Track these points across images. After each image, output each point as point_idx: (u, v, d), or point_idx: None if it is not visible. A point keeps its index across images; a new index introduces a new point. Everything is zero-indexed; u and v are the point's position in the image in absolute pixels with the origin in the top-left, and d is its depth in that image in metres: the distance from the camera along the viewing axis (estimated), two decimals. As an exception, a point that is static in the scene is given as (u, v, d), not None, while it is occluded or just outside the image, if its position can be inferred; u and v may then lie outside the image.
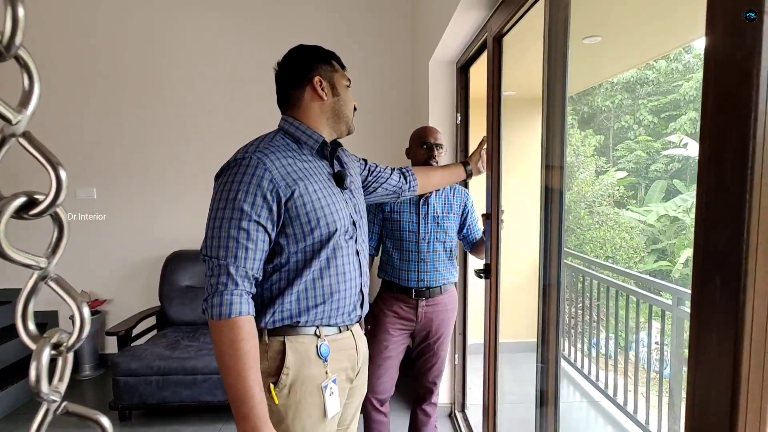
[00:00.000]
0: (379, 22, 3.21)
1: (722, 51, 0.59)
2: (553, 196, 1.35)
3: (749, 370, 0.57)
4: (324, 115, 1.13)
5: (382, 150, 3.22)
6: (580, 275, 3.30)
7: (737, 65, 0.56)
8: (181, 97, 3.18)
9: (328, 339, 1.09)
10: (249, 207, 0.97)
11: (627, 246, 9.14)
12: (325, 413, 1.06)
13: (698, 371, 0.63)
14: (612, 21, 2.03)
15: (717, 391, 0.60)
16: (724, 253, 0.59)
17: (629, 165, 12.00)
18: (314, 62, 1.11)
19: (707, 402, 0.62)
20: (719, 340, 0.60)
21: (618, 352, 2.72)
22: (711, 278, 0.61)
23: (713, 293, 0.61)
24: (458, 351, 2.47)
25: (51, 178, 0.23)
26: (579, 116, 12.67)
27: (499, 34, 1.66)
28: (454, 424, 2.47)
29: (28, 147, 0.22)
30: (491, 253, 1.74)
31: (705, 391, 0.62)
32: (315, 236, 1.05)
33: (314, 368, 1.06)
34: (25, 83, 0.20)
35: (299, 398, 1.04)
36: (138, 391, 2.41)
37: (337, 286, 1.09)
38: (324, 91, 1.11)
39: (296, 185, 1.02)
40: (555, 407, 1.55)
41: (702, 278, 0.62)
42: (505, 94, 1.76)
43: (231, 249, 0.96)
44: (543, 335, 1.55)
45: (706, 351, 0.62)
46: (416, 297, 1.81)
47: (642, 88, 12.10)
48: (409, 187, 1.51)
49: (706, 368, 0.62)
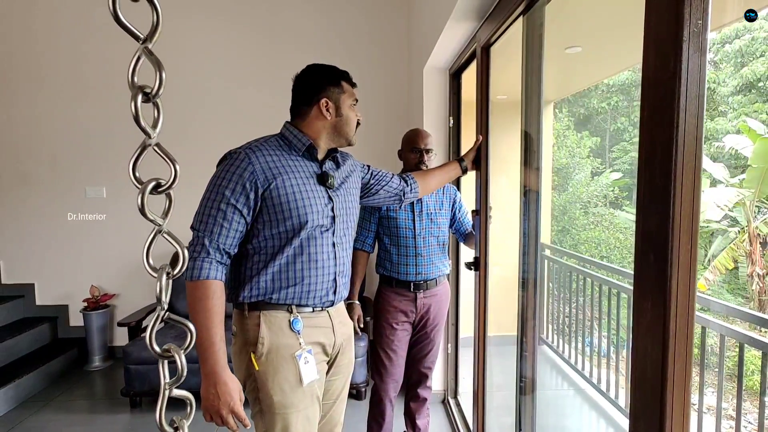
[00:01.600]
0: (377, 30, 3.36)
1: (653, 72, 0.71)
2: (530, 194, 1.49)
3: (676, 329, 0.70)
4: (325, 131, 1.29)
5: (380, 152, 3.37)
6: (569, 272, 3.45)
7: (663, 85, 0.69)
8: (188, 98, 3.32)
9: (301, 315, 1.24)
10: (230, 193, 1.15)
11: (621, 246, 9.30)
12: (300, 379, 1.21)
13: (638, 332, 0.76)
14: (590, 34, 2.20)
15: (652, 347, 0.72)
16: (655, 234, 0.71)
17: (624, 166, 12.15)
18: (325, 84, 1.27)
19: (645, 356, 0.74)
20: (653, 305, 0.72)
21: (602, 342, 2.87)
22: (647, 255, 0.74)
23: (648, 268, 0.73)
24: (451, 341, 2.62)
25: (171, 171, 0.36)
26: (575, 118, 12.81)
27: (487, 44, 1.78)
28: (446, 410, 2.61)
29: (159, 151, 0.36)
30: (480, 247, 1.87)
31: (643, 347, 0.75)
32: (288, 225, 1.20)
33: (287, 339, 1.21)
34: (155, 115, 0.33)
35: (276, 365, 1.20)
36: (148, 379, 2.55)
37: (308, 272, 1.24)
38: (329, 112, 1.27)
39: (275, 179, 1.18)
40: (533, 393, 1.68)
41: (641, 256, 0.75)
42: (498, 98, 1.90)
43: (209, 225, 1.15)
44: (522, 325, 1.68)
45: (643, 315, 0.75)
46: (414, 290, 1.94)
47: (638, 90, 12.24)
48: (410, 189, 1.63)
49: (643, 329, 0.75)
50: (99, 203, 3.35)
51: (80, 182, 3.35)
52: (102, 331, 3.27)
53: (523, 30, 1.39)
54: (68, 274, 3.41)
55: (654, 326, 0.72)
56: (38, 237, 3.38)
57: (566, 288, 3.45)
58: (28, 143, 3.32)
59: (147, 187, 0.33)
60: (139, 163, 0.33)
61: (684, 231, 0.69)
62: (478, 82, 1.88)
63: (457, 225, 2.06)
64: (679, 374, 0.71)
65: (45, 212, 3.36)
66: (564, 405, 3.12)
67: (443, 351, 2.62)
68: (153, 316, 0.39)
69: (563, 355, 3.41)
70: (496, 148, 1.85)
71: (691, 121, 0.67)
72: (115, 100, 3.29)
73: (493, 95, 1.86)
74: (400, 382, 2.03)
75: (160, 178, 0.36)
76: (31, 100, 3.30)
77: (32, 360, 3.03)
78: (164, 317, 0.39)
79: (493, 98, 1.81)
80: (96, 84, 3.29)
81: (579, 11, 2.06)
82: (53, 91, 3.29)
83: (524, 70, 1.42)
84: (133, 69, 0.32)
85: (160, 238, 0.38)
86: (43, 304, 3.43)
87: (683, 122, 0.68)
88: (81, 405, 2.73)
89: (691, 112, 0.67)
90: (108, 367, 3.28)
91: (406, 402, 2.15)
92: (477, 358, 1.99)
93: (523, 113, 1.45)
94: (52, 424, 2.51)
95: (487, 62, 1.84)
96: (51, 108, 3.30)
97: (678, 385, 0.71)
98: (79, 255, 3.40)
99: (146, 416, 2.58)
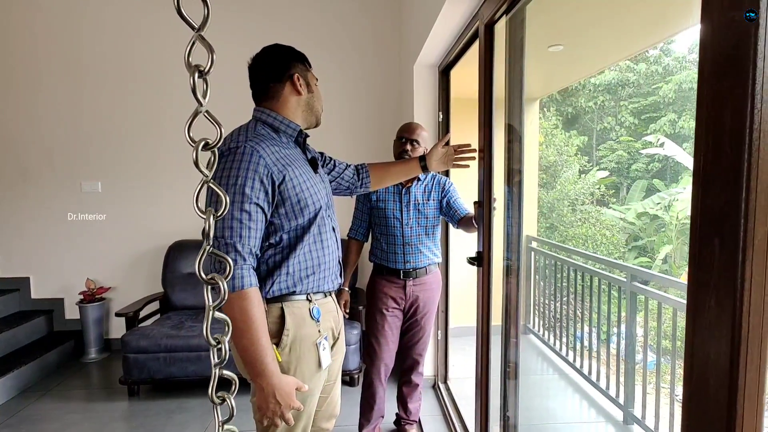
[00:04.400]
0: (368, 28, 3.43)
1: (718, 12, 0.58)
2: (514, 186, 1.59)
3: (749, 330, 0.56)
4: (300, 108, 1.26)
5: (372, 146, 3.46)
6: (554, 262, 3.58)
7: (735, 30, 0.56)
8: (184, 92, 3.37)
9: (317, 303, 1.26)
10: (250, 191, 1.09)
11: (608, 242, 9.50)
12: (320, 364, 1.24)
13: (695, 335, 0.63)
14: (571, 33, 2.32)
15: (716, 353, 0.59)
16: (723, 214, 0.58)
17: (611, 165, 12.38)
18: (292, 60, 1.26)
19: (706, 364, 0.61)
20: (718, 301, 0.59)
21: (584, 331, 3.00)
22: (709, 240, 0.61)
23: (711, 255, 0.60)
24: (441, 329, 2.72)
25: (217, 133, 0.45)
26: (564, 117, 13.02)
27: (491, 20, 1.60)
28: (437, 395, 2.71)
29: (208, 117, 0.44)
30: (483, 241, 1.76)
31: (703, 353, 0.62)
32: (305, 215, 1.20)
33: (309, 328, 1.23)
34: (204, 88, 0.42)
35: (299, 354, 1.21)
36: (147, 367, 2.61)
37: (324, 258, 1.26)
38: (301, 87, 1.25)
39: (286, 171, 1.16)
40: (515, 377, 1.78)
41: (700, 241, 0.62)
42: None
43: (236, 229, 1.08)
44: (506, 313, 1.75)
45: (704, 313, 0.62)
46: (404, 277, 2.03)
47: (623, 89, 12.49)
48: (361, 184, 1.58)
49: (704, 330, 0.62)
50: (96, 200, 3.39)
51: (76, 177, 3.39)
52: (98, 324, 3.32)
53: (506, 33, 1.48)
54: (64, 268, 3.45)
55: (720, 328, 0.59)
56: (34, 231, 3.41)
57: (552, 279, 3.58)
58: (24, 138, 3.35)
59: (199, 145, 0.42)
60: (193, 125, 0.42)
61: (761, 208, 0.55)
62: (481, 65, 1.72)
63: (450, 212, 2.04)
64: (752, 385, 0.57)
65: (40, 207, 3.39)
66: (548, 388, 3.25)
67: (433, 339, 2.72)
68: (200, 251, 0.45)
69: (548, 342, 3.54)
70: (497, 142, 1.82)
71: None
72: (111, 96, 3.34)
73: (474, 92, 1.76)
74: (391, 365, 2.11)
75: (208, 138, 0.45)
76: (27, 96, 3.33)
77: (30, 351, 3.07)
78: (209, 251, 0.46)
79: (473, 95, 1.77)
80: (93, 79, 3.33)
81: (560, 10, 2.17)
82: (50, 86, 3.33)
83: (507, 67, 1.52)
84: (188, 52, 0.40)
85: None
86: (39, 297, 3.47)
87: (761, 72, 0.54)
88: (79, 394, 2.78)
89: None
90: (104, 358, 3.33)
91: (399, 387, 2.24)
92: (480, 351, 1.91)
93: (505, 111, 1.53)
94: (53, 411, 2.56)
95: (491, 43, 1.65)
96: (47, 103, 3.34)
97: (750, 399, 0.57)
98: (75, 249, 3.44)
99: (144, 404, 2.64)
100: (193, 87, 0.39)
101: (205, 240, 0.44)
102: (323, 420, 1.42)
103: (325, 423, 1.43)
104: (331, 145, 2.36)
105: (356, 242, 2.13)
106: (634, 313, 2.49)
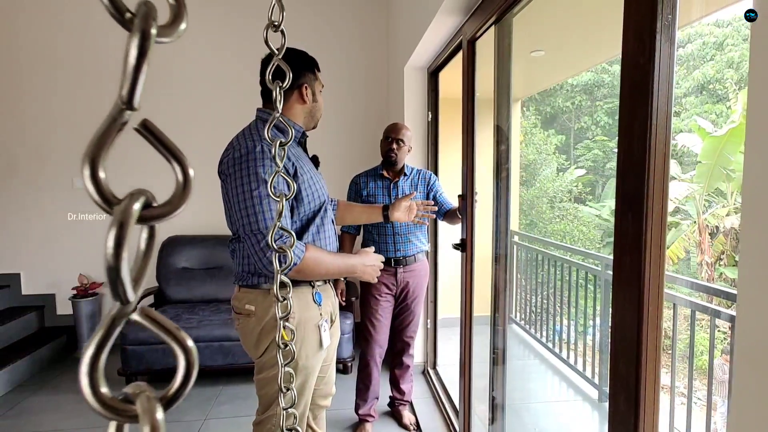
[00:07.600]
0: (357, 30, 3.56)
1: (633, 56, 0.80)
2: (501, 181, 1.74)
3: (649, 278, 0.79)
4: (302, 115, 1.37)
5: (360, 146, 3.59)
6: (535, 254, 3.77)
7: (642, 67, 0.78)
8: (180, 90, 3.43)
9: (319, 288, 1.37)
10: (277, 183, 1.17)
11: (584, 238, 9.85)
12: (321, 344, 1.36)
13: (620, 285, 0.85)
14: (551, 39, 2.50)
15: (629, 320, 0.82)
16: (633, 196, 0.81)
17: (588, 163, 12.78)
18: (304, 70, 1.34)
19: (623, 327, 0.83)
20: (631, 259, 0.81)
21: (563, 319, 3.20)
22: (626, 215, 0.83)
23: (627, 225, 0.82)
24: (430, 317, 2.86)
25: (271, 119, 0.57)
26: (542, 116, 13.36)
27: (473, 37, 1.83)
28: (427, 379, 2.86)
29: (282, 120, 0.56)
30: (467, 229, 1.98)
31: (621, 318, 0.84)
32: (311, 206, 1.31)
33: (312, 311, 1.34)
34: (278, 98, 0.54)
35: (303, 335, 1.32)
36: (145, 358, 2.68)
37: (325, 247, 1.37)
38: (308, 97, 1.35)
39: (297, 165, 1.28)
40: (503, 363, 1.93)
41: (620, 216, 0.84)
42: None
43: (269, 220, 1.19)
44: (495, 301, 1.90)
45: (623, 268, 0.83)
46: (395, 265, 2.18)
47: (599, 90, 12.91)
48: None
49: (623, 284, 0.84)
50: (89, 197, 3.41)
51: (67, 173, 3.41)
52: (91, 318, 3.35)
53: (495, 38, 1.63)
54: (55, 264, 3.46)
55: (632, 278, 0.82)
56: (24, 228, 3.42)
57: (532, 270, 3.77)
58: (14, 135, 3.36)
59: (282, 143, 0.54)
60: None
61: (657, 191, 0.79)
62: (464, 75, 1.95)
63: (437, 206, 2.18)
64: (651, 342, 0.81)
65: (33, 204, 3.40)
66: (530, 372, 3.44)
67: (423, 327, 2.86)
68: (272, 226, 0.58)
69: (529, 331, 3.73)
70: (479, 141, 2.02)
71: (662, 100, 0.76)
72: (103, 93, 3.37)
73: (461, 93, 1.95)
74: (385, 347, 2.26)
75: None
76: (16, 92, 3.33)
77: (22, 347, 3.09)
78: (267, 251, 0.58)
79: (460, 95, 1.94)
80: (82, 76, 3.35)
81: (542, 19, 2.34)
82: (39, 83, 3.34)
83: (496, 70, 1.66)
84: (270, 72, 0.52)
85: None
86: (29, 293, 3.48)
87: (656, 100, 0.76)
88: (76, 386, 2.81)
89: (663, 92, 0.76)
90: (98, 353, 3.36)
91: (391, 370, 2.39)
92: (463, 332, 2.09)
93: (495, 110, 1.69)
94: (52, 403, 2.61)
95: (473, 56, 1.90)
96: (36, 100, 3.35)
97: (651, 350, 0.80)
98: (66, 245, 3.45)
99: (142, 395, 2.71)
100: (274, 99, 0.50)
101: (276, 218, 0.55)
102: (320, 398, 1.55)
103: (323, 401, 1.56)
104: (320, 146, 2.47)
105: (349, 235, 2.27)
106: (608, 299, 2.69)
